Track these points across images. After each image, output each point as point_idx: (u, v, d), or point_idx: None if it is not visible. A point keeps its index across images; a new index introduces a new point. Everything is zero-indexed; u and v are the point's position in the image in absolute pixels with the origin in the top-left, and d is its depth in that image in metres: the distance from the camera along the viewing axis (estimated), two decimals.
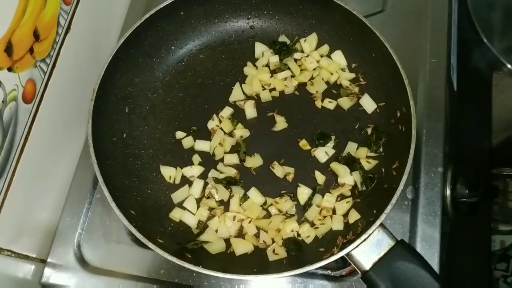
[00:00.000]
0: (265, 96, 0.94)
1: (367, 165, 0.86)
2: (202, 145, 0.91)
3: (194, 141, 0.92)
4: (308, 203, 0.85)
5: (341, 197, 0.85)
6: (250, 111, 0.93)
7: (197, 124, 0.93)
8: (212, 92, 0.96)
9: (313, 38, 0.96)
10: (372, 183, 0.84)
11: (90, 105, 0.82)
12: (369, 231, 0.73)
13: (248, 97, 0.95)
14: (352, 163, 0.86)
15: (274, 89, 0.95)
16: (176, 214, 0.86)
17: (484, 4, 1.07)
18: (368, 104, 0.91)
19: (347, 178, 0.85)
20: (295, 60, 0.96)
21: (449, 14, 1.00)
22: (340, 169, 0.86)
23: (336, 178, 0.87)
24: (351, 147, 0.88)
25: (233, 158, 0.89)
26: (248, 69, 0.97)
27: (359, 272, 0.73)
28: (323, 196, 0.85)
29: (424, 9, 1.00)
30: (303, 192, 0.86)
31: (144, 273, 0.85)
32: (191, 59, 0.99)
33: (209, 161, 0.91)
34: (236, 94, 0.95)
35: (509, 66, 1.01)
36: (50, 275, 0.87)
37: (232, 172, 0.89)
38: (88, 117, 0.82)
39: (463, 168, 0.95)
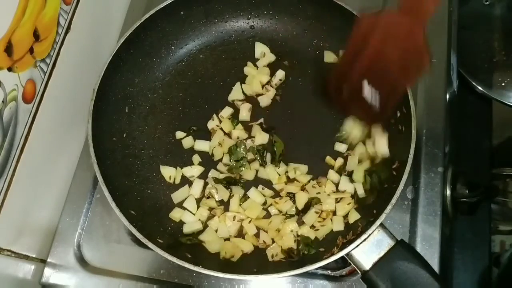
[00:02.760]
0: (265, 101, 0.94)
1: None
2: (202, 145, 0.91)
3: (194, 141, 0.92)
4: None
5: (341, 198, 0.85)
6: (244, 114, 0.93)
7: (197, 124, 0.93)
8: (212, 92, 0.96)
9: None
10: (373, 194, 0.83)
11: (90, 105, 0.82)
12: (369, 231, 0.73)
13: (248, 97, 0.95)
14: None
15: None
16: (176, 214, 0.86)
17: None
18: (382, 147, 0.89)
19: (347, 186, 0.85)
20: None
21: (449, 14, 1.00)
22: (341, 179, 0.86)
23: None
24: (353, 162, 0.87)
25: None
26: (249, 69, 0.97)
27: (359, 272, 0.73)
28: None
29: None
30: (302, 197, 0.85)
31: (144, 273, 0.85)
32: (191, 59, 0.99)
33: (209, 161, 0.91)
34: (235, 94, 0.95)
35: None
36: (50, 275, 0.86)
37: None
38: (88, 117, 0.82)
39: (463, 168, 0.95)
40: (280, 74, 0.95)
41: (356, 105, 0.78)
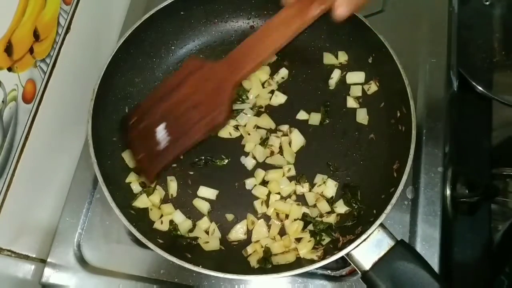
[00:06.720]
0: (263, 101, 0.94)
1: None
2: None
3: None
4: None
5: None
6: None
7: None
8: None
9: None
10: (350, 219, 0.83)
11: (90, 105, 0.82)
12: (369, 231, 0.73)
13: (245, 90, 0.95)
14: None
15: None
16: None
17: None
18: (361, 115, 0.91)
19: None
20: None
21: (449, 14, 1.00)
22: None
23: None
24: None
25: None
26: None
27: (359, 272, 0.73)
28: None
29: (424, 9, 1.00)
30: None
31: (144, 273, 0.85)
32: None
33: None
34: None
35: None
36: (50, 275, 0.87)
37: None
38: (88, 117, 0.82)
39: (463, 168, 0.95)
40: (283, 72, 0.95)
41: (144, 141, 0.78)
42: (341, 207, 0.84)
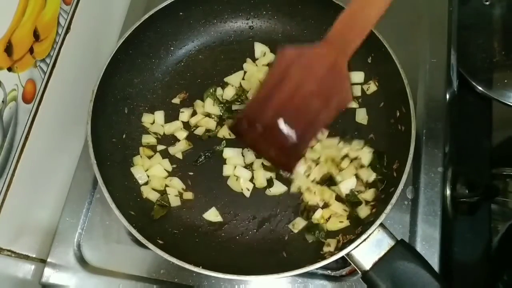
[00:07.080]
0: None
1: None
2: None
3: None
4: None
5: None
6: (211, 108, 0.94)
7: None
8: None
9: None
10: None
11: (90, 106, 0.82)
12: (369, 231, 0.73)
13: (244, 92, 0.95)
14: None
15: None
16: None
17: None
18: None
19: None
20: None
21: (449, 14, 1.00)
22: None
23: None
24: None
25: None
26: (248, 66, 0.97)
27: (359, 272, 0.73)
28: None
29: (424, 9, 1.00)
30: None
31: (144, 273, 0.85)
32: (190, 59, 0.99)
33: None
34: (233, 78, 0.95)
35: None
36: (50, 275, 0.87)
37: None
38: (88, 118, 0.82)
39: (463, 168, 0.95)
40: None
41: (270, 143, 0.72)
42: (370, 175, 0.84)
